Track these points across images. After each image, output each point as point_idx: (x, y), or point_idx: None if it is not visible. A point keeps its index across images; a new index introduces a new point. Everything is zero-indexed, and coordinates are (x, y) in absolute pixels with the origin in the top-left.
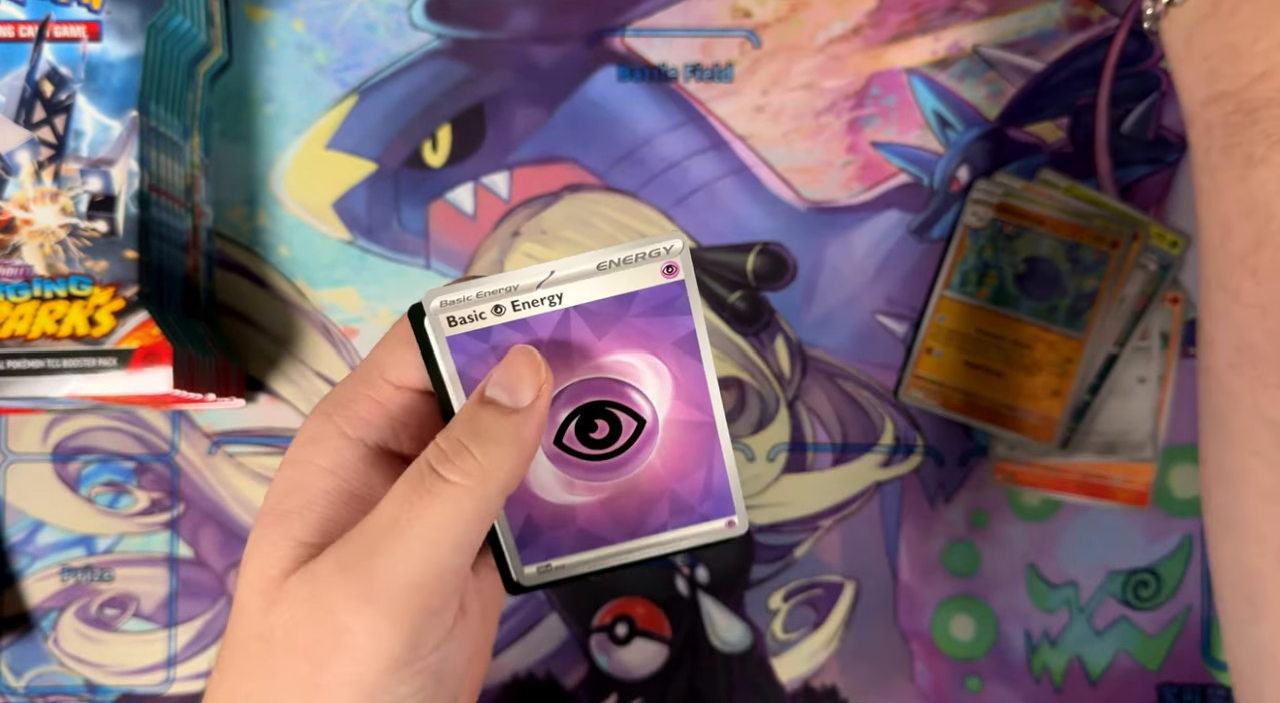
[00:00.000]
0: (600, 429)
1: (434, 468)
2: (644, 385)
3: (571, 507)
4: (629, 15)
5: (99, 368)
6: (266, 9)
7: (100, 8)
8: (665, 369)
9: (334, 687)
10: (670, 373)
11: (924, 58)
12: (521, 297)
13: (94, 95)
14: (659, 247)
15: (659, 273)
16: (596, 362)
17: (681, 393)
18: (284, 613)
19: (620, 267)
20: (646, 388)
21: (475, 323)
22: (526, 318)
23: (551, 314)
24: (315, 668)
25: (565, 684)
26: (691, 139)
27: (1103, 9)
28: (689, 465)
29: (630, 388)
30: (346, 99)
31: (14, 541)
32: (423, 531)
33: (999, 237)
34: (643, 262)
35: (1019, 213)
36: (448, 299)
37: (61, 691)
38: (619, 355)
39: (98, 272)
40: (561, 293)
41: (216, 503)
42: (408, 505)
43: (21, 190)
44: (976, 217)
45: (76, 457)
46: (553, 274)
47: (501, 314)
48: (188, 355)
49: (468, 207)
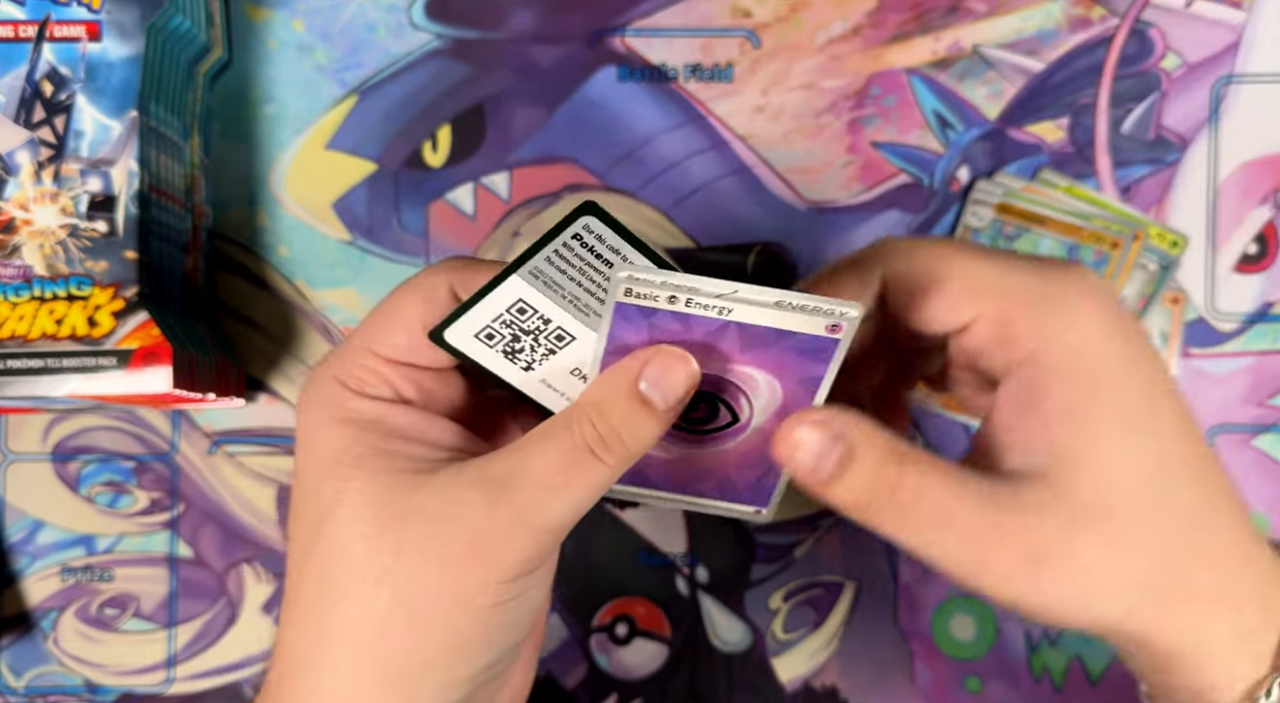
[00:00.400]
0: (700, 412)
1: (595, 452)
2: (754, 396)
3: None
4: (629, 15)
5: (99, 368)
6: (266, 9)
7: (100, 7)
8: (780, 393)
9: (476, 587)
10: (783, 398)
11: (924, 58)
12: (699, 298)
13: (94, 95)
14: (839, 309)
15: (824, 327)
16: (729, 366)
17: (781, 414)
18: (417, 528)
19: (796, 310)
20: (756, 399)
21: (646, 301)
22: (691, 314)
23: (714, 321)
24: (459, 573)
25: (565, 684)
26: (691, 139)
27: (1103, 9)
28: (752, 463)
29: (742, 394)
30: (346, 99)
31: (14, 541)
32: (577, 494)
33: (999, 237)
34: (817, 313)
35: (1019, 213)
36: (637, 277)
37: (61, 691)
38: (749, 369)
39: (98, 272)
40: (733, 308)
41: (216, 503)
42: (563, 475)
43: (21, 190)
44: (977, 216)
45: (76, 457)
46: (735, 292)
47: (674, 303)
48: (188, 355)
49: (468, 206)
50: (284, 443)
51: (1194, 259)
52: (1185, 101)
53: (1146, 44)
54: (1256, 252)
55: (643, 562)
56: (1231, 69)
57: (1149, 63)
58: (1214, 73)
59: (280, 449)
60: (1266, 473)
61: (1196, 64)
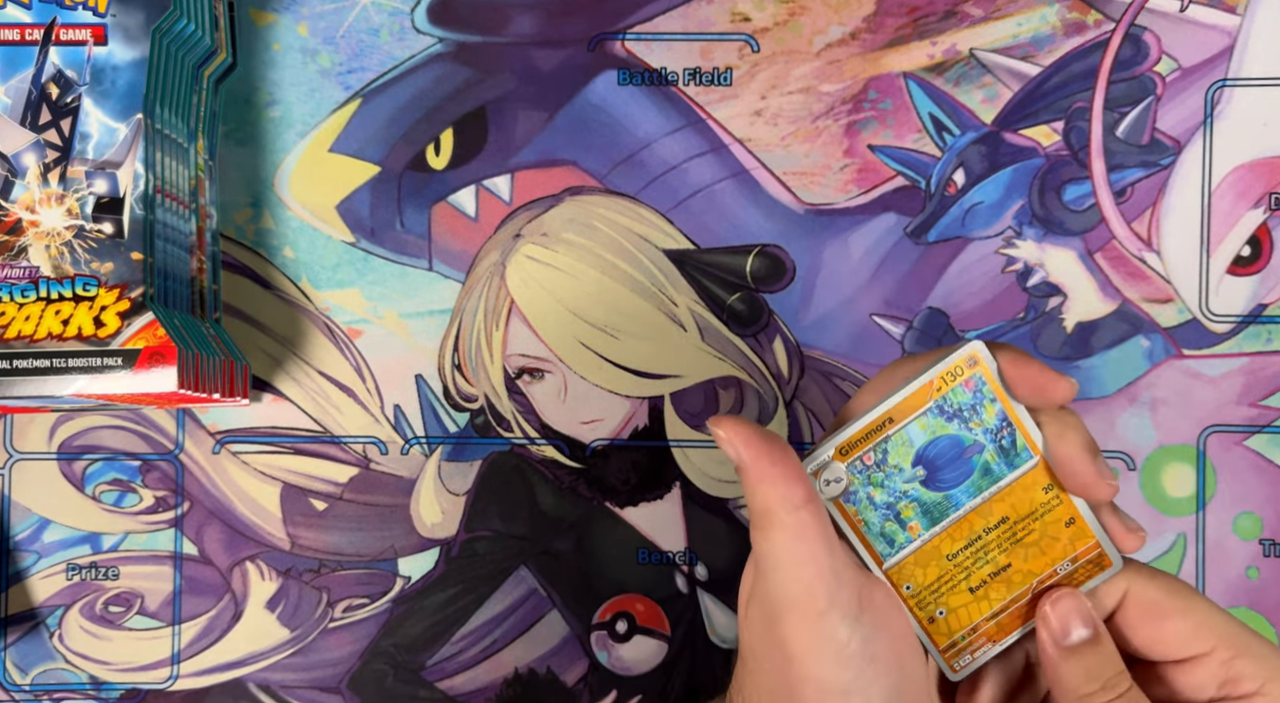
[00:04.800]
0: None
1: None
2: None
3: None
4: (629, 20)
5: (105, 368)
6: (271, 13)
7: (106, 11)
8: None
9: (797, 683)
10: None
11: (921, 62)
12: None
13: (99, 98)
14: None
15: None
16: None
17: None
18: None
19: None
20: None
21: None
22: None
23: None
24: (781, 670)
25: (565, 681)
26: (691, 142)
27: (1098, 13)
28: None
29: None
30: (350, 102)
31: (20, 538)
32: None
33: (868, 470)
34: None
35: (861, 436)
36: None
37: (66, 687)
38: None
39: (104, 273)
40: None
41: (221, 502)
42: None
43: (28, 192)
44: (832, 485)
45: (82, 456)
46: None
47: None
48: (193, 355)
49: (470, 209)
50: (287, 442)
51: (1188, 261)
52: (1179, 105)
53: (1141, 48)
54: (1250, 254)
55: (642, 559)
56: (1225, 73)
57: (1144, 67)
58: (1208, 77)
59: (284, 448)
60: (1259, 473)
61: (1191, 68)
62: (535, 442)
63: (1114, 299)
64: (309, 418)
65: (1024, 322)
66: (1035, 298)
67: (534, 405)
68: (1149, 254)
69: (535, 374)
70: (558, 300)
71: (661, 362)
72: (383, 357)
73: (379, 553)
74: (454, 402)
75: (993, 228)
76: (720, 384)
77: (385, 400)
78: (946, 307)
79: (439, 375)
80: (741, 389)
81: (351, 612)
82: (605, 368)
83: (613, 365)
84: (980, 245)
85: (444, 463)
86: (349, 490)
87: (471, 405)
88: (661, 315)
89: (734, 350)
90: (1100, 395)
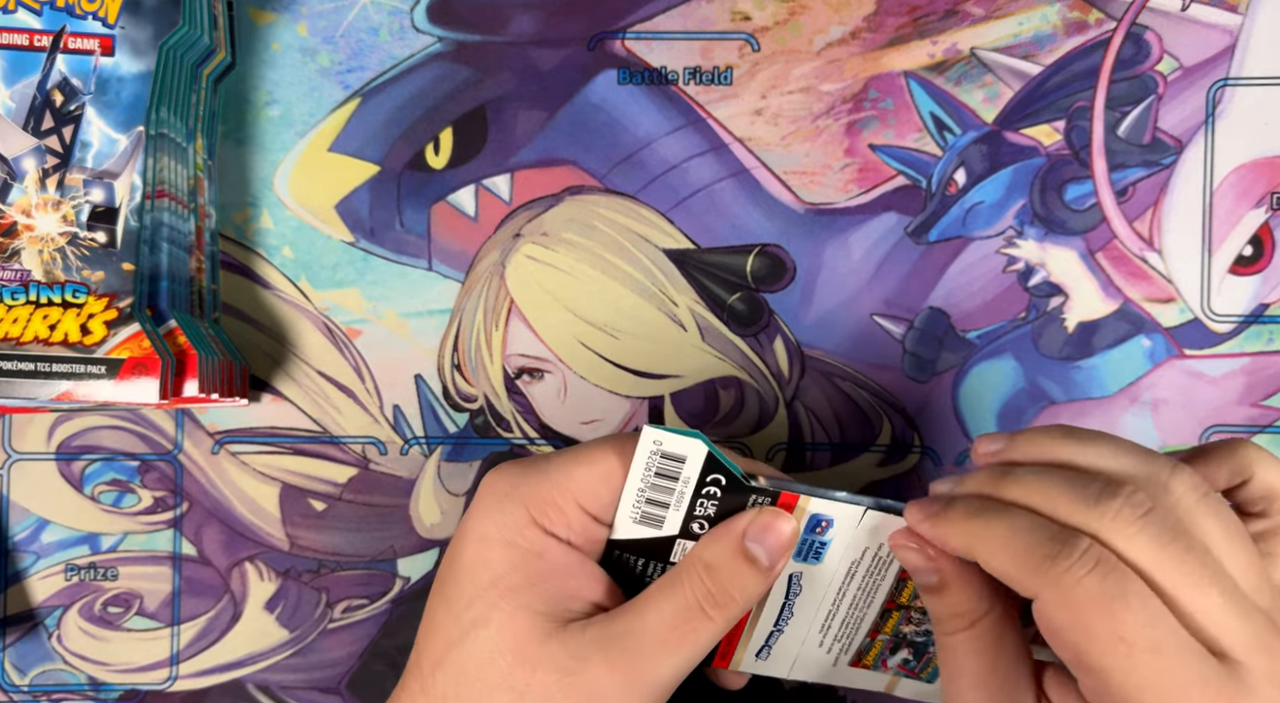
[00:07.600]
0: None
1: (705, 609)
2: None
3: None
4: (629, 19)
5: (88, 375)
6: (270, 12)
7: (116, 23)
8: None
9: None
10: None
11: (921, 61)
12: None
13: (103, 108)
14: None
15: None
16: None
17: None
18: (544, 676)
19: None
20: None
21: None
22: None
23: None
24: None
25: None
26: (691, 141)
27: (1099, 12)
28: None
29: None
30: (349, 102)
31: (18, 539)
32: (688, 652)
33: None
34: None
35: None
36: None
37: (65, 688)
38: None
39: (94, 281)
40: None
41: (220, 502)
42: (677, 632)
43: (25, 196)
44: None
45: (81, 456)
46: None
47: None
48: (214, 362)
49: (469, 208)
50: (286, 442)
51: (1189, 261)
52: (1181, 105)
53: (1143, 47)
54: (1251, 253)
55: None
56: (1227, 72)
57: (1145, 66)
58: (1210, 76)
59: (283, 449)
60: None
61: (1192, 67)
62: (535, 442)
63: (1115, 299)
64: (308, 418)
65: (1025, 322)
66: (1036, 298)
67: (534, 405)
68: (1150, 254)
69: (535, 374)
70: (557, 300)
71: (661, 362)
72: (382, 357)
73: (378, 553)
74: (453, 402)
75: (994, 227)
76: (720, 384)
77: (384, 401)
78: (947, 306)
79: (438, 375)
80: (742, 389)
81: (351, 612)
82: (605, 368)
83: (613, 365)
84: (981, 245)
85: (443, 463)
86: (348, 491)
87: (471, 406)
88: (661, 315)
89: (734, 350)
90: (1101, 395)
